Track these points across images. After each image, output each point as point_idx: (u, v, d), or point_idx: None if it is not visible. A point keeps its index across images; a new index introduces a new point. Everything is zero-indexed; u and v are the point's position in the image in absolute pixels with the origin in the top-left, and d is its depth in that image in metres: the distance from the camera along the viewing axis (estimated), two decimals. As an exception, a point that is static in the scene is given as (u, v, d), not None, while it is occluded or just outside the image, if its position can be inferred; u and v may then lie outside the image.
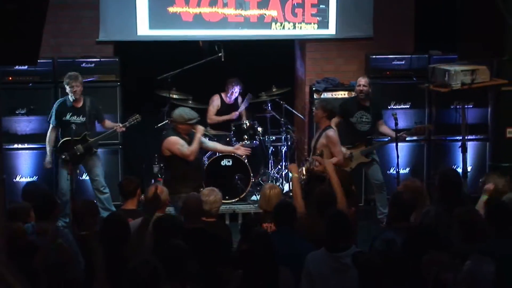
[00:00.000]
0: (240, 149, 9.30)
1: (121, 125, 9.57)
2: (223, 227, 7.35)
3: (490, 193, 7.18)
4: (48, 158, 9.60)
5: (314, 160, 8.38)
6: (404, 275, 5.40)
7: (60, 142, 9.50)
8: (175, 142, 8.39)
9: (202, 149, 9.11)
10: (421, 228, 6.00)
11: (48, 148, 9.60)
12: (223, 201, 8.13)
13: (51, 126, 9.58)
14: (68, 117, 9.43)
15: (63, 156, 9.40)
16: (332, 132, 8.81)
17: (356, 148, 9.65)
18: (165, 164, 9.00)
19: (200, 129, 8.59)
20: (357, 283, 5.20)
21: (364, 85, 9.66)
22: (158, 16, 10.58)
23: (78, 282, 5.57)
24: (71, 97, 9.43)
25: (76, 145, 9.38)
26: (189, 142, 8.46)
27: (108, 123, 9.74)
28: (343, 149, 9.19)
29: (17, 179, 10.12)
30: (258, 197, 9.23)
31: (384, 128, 9.91)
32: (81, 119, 9.45)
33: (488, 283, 5.14)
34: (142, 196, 7.47)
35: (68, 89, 9.40)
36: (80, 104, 9.49)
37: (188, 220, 6.65)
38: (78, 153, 9.40)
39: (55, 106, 9.56)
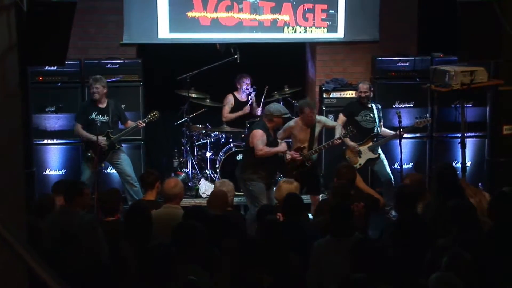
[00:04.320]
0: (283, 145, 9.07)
1: (141, 121, 9.56)
2: (237, 216, 7.41)
3: None
4: (98, 138, 9.22)
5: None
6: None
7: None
8: (258, 136, 8.55)
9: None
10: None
11: (88, 135, 9.38)
12: (238, 193, 8.23)
13: (76, 124, 9.54)
14: (93, 115, 9.43)
15: (89, 154, 9.41)
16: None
17: (363, 145, 9.67)
18: (246, 151, 9.13)
19: (283, 147, 8.82)
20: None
21: (365, 92, 9.72)
22: (177, 20, 10.55)
23: (103, 265, 5.58)
24: (93, 98, 9.47)
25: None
26: (272, 142, 8.66)
27: (131, 123, 9.68)
28: (353, 143, 9.49)
29: (46, 172, 10.11)
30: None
31: (385, 131, 9.92)
32: (105, 118, 9.45)
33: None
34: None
35: (90, 90, 9.46)
36: (104, 105, 9.50)
37: (213, 209, 6.76)
38: (102, 150, 9.41)
39: (81, 106, 9.63)
